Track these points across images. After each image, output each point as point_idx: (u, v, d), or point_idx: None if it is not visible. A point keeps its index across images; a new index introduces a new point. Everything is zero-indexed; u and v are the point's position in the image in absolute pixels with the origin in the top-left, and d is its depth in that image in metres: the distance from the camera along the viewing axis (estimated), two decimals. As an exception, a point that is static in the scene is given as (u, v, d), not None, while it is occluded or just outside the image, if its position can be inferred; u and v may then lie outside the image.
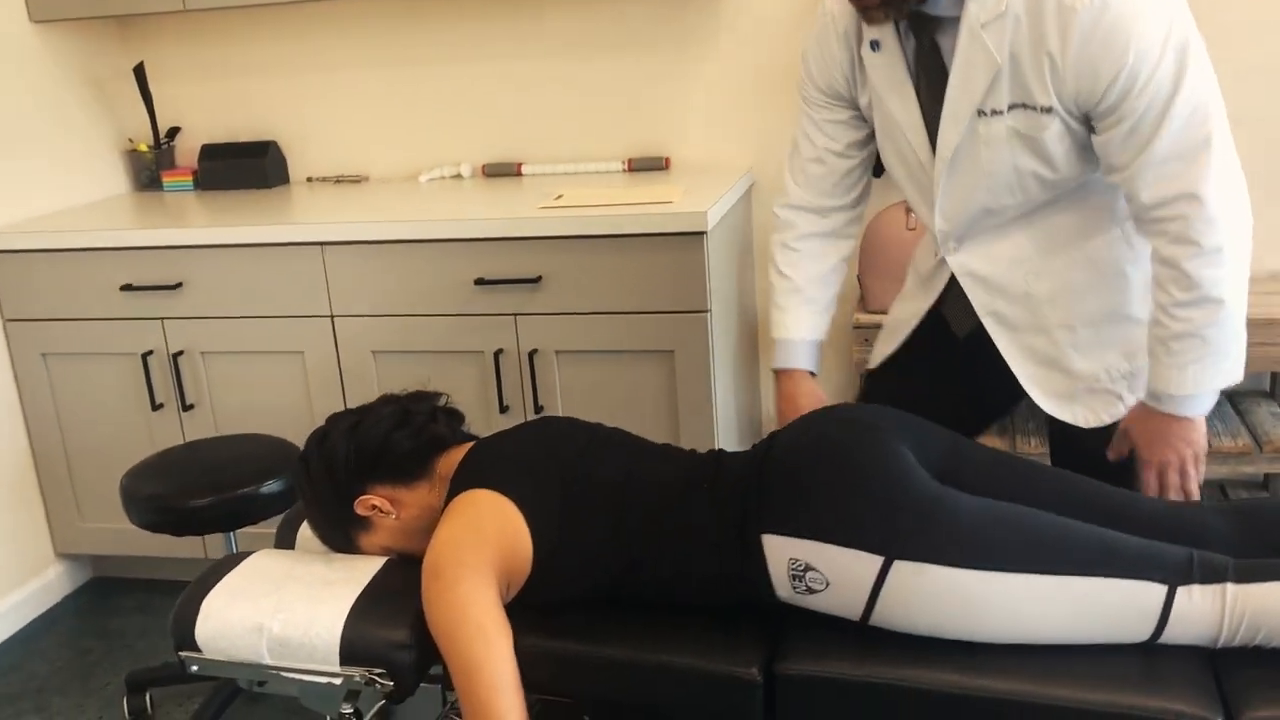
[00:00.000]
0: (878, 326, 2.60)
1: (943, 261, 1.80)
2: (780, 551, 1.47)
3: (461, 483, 1.61)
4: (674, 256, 2.46)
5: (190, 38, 3.21)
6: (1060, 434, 1.86)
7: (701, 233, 2.42)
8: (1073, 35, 1.50)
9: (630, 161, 3.00)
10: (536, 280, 2.53)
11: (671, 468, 1.62)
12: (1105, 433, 1.79)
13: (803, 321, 1.91)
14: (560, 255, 2.52)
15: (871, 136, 1.84)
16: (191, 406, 2.83)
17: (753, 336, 2.99)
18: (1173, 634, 1.39)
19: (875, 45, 1.69)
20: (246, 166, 3.19)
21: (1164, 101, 1.51)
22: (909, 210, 2.67)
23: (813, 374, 1.94)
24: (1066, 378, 1.76)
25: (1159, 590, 1.38)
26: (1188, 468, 1.68)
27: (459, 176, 3.12)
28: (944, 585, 1.41)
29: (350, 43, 3.13)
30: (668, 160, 2.99)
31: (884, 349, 1.98)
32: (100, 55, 3.20)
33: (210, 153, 3.22)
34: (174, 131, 3.28)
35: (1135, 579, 1.39)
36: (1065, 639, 1.42)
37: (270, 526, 2.32)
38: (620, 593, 1.58)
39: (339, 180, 3.21)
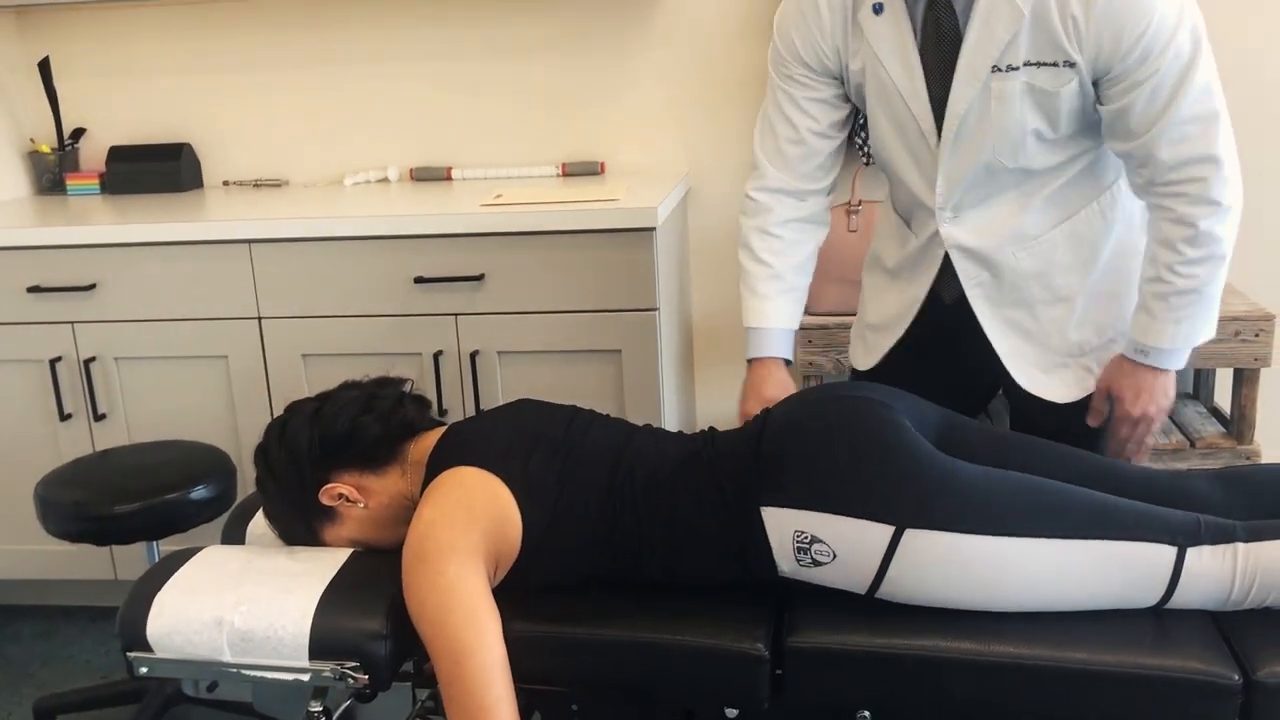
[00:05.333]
0: (820, 328, 2.61)
1: (931, 240, 1.77)
2: (784, 524, 1.43)
3: (442, 462, 1.52)
4: (622, 254, 2.41)
5: (97, 33, 3.06)
6: (1021, 417, 1.86)
7: (651, 229, 2.38)
8: None
9: (564, 166, 2.94)
10: (479, 279, 2.46)
11: (664, 444, 1.57)
12: (1065, 413, 1.79)
13: (782, 310, 1.84)
14: (504, 253, 2.45)
15: (850, 116, 1.82)
16: (103, 416, 2.66)
17: (688, 338, 2.96)
18: (1183, 597, 1.39)
19: (879, 8, 1.65)
20: (158, 170, 3.04)
21: (1184, 66, 1.53)
22: (850, 212, 2.67)
23: (788, 363, 1.89)
24: (1044, 352, 1.76)
25: (1169, 551, 1.38)
26: (1158, 422, 1.71)
27: (385, 180, 3.03)
28: (955, 553, 1.38)
29: (269, 41, 3.01)
30: (603, 165, 2.94)
31: (880, 344, 1.91)
32: (-1, 50, 3.03)
33: (119, 155, 3.06)
34: (79, 133, 3.11)
35: (1145, 541, 1.38)
36: (1077, 604, 1.40)
37: (196, 536, 2.19)
38: (613, 574, 1.51)
39: (257, 184, 3.08)
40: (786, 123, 1.81)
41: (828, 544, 1.42)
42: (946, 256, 1.76)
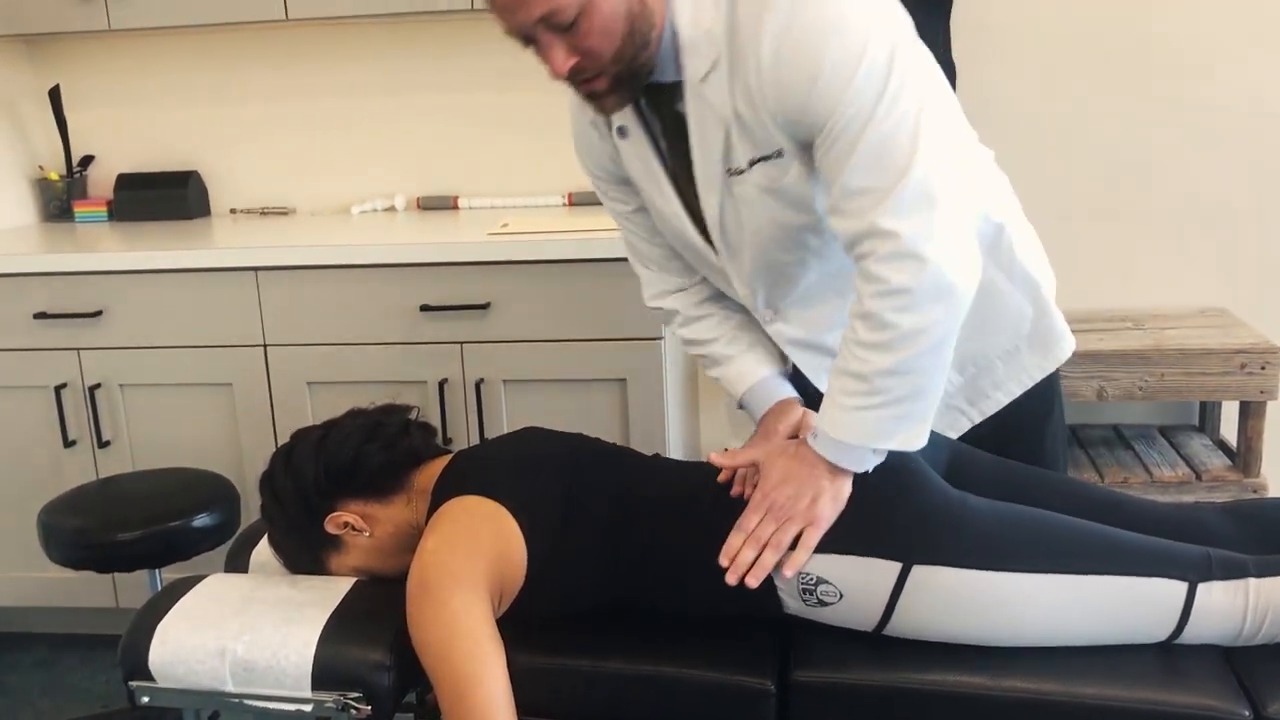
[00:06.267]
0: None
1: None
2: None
3: (447, 490, 1.52)
4: (628, 283, 2.38)
5: (107, 62, 3.08)
6: None
7: (657, 258, 2.38)
8: (765, 52, 1.33)
9: (571, 196, 2.95)
10: (485, 307, 2.46)
11: (669, 475, 1.56)
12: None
13: (766, 359, 1.67)
14: (509, 282, 2.45)
15: None
16: (108, 443, 2.66)
17: (693, 368, 2.96)
18: (1193, 632, 1.38)
19: (622, 132, 1.55)
20: (166, 197, 3.05)
21: (860, 124, 1.31)
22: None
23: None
24: None
25: (1179, 587, 1.36)
26: (792, 526, 1.40)
27: (392, 209, 3.04)
28: (963, 589, 1.37)
29: (278, 70, 3.03)
30: (608, 194, 2.95)
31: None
32: (9, 77, 3.04)
33: (127, 182, 3.07)
34: (87, 160, 3.12)
35: (1155, 576, 1.37)
36: (1087, 639, 1.39)
37: (199, 564, 2.18)
38: (618, 605, 1.50)
39: (264, 212, 3.10)
40: (631, 230, 1.72)
41: (834, 585, 1.40)
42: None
